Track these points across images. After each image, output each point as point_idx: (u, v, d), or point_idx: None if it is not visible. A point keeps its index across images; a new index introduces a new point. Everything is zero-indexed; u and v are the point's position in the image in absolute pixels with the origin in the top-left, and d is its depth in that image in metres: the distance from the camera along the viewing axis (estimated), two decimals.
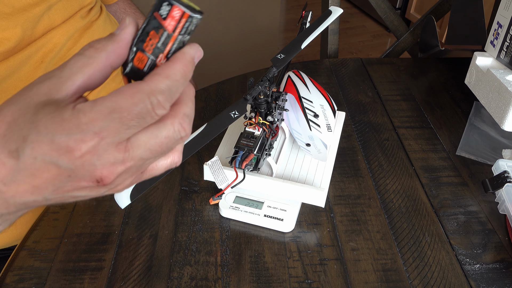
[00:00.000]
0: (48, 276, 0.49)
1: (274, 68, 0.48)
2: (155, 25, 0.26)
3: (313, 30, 0.51)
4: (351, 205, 0.57)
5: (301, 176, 0.56)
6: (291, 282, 0.48)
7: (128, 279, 0.48)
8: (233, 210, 0.54)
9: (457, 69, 0.85)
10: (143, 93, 0.25)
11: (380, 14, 0.99)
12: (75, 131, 0.25)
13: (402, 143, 0.67)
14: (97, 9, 0.72)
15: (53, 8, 0.61)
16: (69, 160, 0.25)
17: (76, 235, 0.53)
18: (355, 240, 0.52)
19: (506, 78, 0.58)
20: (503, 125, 0.58)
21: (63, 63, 0.27)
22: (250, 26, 1.72)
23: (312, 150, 0.56)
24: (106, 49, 0.26)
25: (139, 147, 0.27)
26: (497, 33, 0.63)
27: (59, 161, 0.25)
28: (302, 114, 0.57)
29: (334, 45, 0.96)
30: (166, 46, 0.27)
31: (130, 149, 0.27)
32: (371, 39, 2.56)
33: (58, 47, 0.62)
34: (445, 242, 0.52)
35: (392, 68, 0.85)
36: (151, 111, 0.26)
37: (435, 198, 0.58)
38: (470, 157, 0.64)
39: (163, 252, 0.51)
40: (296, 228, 0.54)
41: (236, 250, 0.51)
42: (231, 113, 0.45)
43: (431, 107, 0.75)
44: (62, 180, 0.26)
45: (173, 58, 0.27)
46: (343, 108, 0.75)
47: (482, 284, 0.48)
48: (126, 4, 0.87)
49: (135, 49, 0.27)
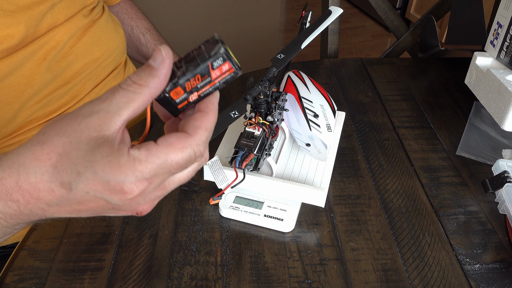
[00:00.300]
0: (48, 276, 0.49)
1: (274, 68, 0.48)
2: (203, 71, 0.29)
3: (313, 30, 0.51)
4: (351, 205, 0.57)
5: (301, 176, 0.56)
6: (291, 282, 0.48)
7: (128, 279, 0.48)
8: (233, 210, 0.54)
9: (457, 69, 0.85)
10: (191, 147, 0.29)
11: (380, 14, 0.99)
12: (131, 178, 0.27)
13: (402, 143, 0.67)
14: (99, 8, 0.72)
15: (56, 6, 0.62)
16: (119, 199, 0.28)
17: (76, 235, 0.53)
18: (355, 240, 0.52)
19: (506, 78, 0.58)
20: (503, 125, 0.58)
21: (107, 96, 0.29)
22: (250, 26, 1.72)
23: (312, 150, 0.56)
24: (149, 85, 0.29)
25: (174, 183, 0.32)
26: (497, 33, 0.63)
27: (109, 198, 0.28)
28: (302, 114, 0.57)
29: (334, 45, 0.96)
30: (203, 88, 0.30)
31: (168, 186, 0.31)
32: (371, 39, 2.56)
33: (61, 44, 0.63)
34: (445, 242, 0.52)
35: (392, 68, 0.85)
36: (193, 160, 0.30)
37: (435, 198, 0.58)
38: (470, 157, 0.64)
39: (163, 252, 0.51)
40: (296, 228, 0.54)
41: (236, 250, 0.51)
42: (231, 113, 0.45)
43: (431, 107, 0.75)
44: (105, 209, 0.30)
45: (208, 109, 0.31)
46: (343, 108, 0.75)
47: (482, 284, 0.48)
48: (127, 5, 0.88)
49: (176, 84, 0.30)
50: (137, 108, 0.29)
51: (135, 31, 0.88)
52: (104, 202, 0.29)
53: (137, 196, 0.28)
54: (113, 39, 0.73)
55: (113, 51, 0.73)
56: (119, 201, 0.28)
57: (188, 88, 0.30)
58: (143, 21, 0.89)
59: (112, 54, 0.73)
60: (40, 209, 0.29)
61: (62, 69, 0.64)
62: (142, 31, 0.88)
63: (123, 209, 0.30)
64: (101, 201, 0.29)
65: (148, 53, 0.90)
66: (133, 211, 0.31)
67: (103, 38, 0.71)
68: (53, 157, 0.28)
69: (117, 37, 0.75)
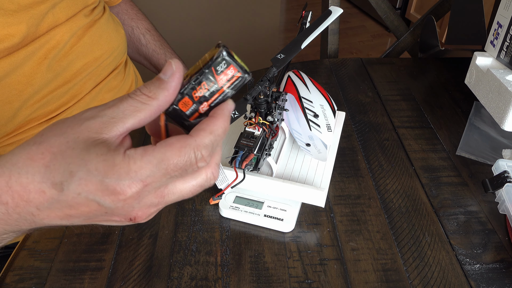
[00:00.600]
0: (48, 276, 0.49)
1: (274, 68, 0.48)
2: (208, 78, 0.29)
3: (313, 30, 0.51)
4: (351, 205, 0.57)
5: (301, 176, 0.56)
6: (291, 282, 0.48)
7: (128, 279, 0.48)
8: (233, 210, 0.54)
9: (457, 69, 0.85)
10: (190, 148, 0.28)
11: (380, 14, 0.99)
12: (124, 177, 0.26)
13: (402, 143, 0.67)
14: (100, 8, 0.72)
15: (58, 6, 0.62)
16: (112, 201, 0.27)
17: (76, 235, 0.53)
18: (355, 240, 0.52)
19: (506, 78, 0.58)
20: (503, 125, 0.58)
21: (114, 103, 0.28)
22: (250, 26, 1.72)
23: (312, 150, 0.56)
24: (158, 98, 0.28)
25: (174, 194, 0.29)
26: (497, 33, 0.63)
27: (101, 200, 0.27)
28: (302, 114, 0.57)
29: (334, 45, 0.96)
30: (212, 97, 0.30)
31: (166, 195, 0.29)
32: (371, 39, 2.56)
33: (62, 44, 0.63)
34: (445, 242, 0.52)
35: (392, 68, 0.85)
36: (194, 164, 0.28)
37: (435, 198, 0.58)
38: (470, 157, 0.64)
39: (163, 252, 0.51)
40: (296, 228, 0.54)
41: (236, 250, 0.51)
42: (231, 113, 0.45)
43: (431, 107, 0.75)
44: (97, 214, 0.28)
45: (216, 114, 0.30)
46: (343, 108, 0.75)
47: (482, 284, 0.48)
48: (128, 6, 0.88)
49: (183, 94, 0.29)
50: (143, 119, 0.28)
51: (136, 32, 0.88)
52: (96, 205, 0.27)
53: (131, 198, 0.27)
54: (114, 39, 0.74)
55: (114, 51, 0.74)
56: (111, 204, 0.27)
57: (196, 98, 0.29)
58: (143, 21, 0.89)
59: (112, 53, 0.73)
60: (30, 214, 0.28)
61: (62, 68, 0.64)
62: (143, 32, 0.89)
63: (116, 213, 0.28)
64: (93, 204, 0.27)
65: (148, 53, 0.90)
66: (126, 216, 0.29)
67: (104, 38, 0.71)
68: (47, 156, 0.27)
69: (118, 37, 0.75)
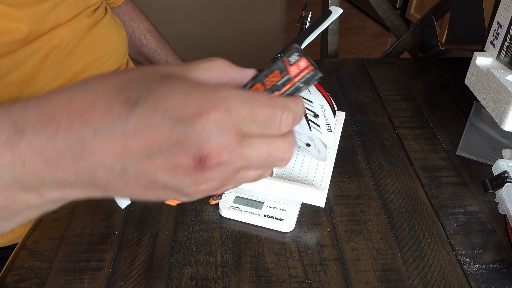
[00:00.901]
0: (48, 276, 0.49)
1: None
2: (281, 67, 0.30)
3: (313, 30, 0.51)
4: (351, 205, 0.57)
5: (301, 176, 0.56)
6: (291, 282, 0.48)
7: (128, 279, 0.48)
8: (233, 210, 0.54)
9: (457, 69, 0.85)
10: (278, 104, 0.26)
11: (380, 14, 0.99)
12: (211, 97, 0.24)
13: (402, 143, 0.67)
14: (102, 9, 0.73)
15: (60, 6, 0.63)
16: (191, 122, 0.23)
17: (76, 235, 0.53)
18: (355, 240, 0.52)
19: (506, 78, 0.58)
20: (503, 125, 0.58)
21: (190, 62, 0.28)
22: (250, 26, 1.72)
23: (312, 150, 0.56)
24: (232, 67, 0.29)
25: (251, 147, 0.26)
26: (497, 33, 0.63)
27: (179, 120, 0.23)
28: None
29: (334, 45, 0.96)
30: (284, 87, 0.30)
31: (243, 144, 0.26)
32: (371, 39, 2.56)
33: (64, 43, 0.63)
34: (445, 242, 0.52)
35: (392, 68, 0.85)
36: (278, 122, 0.26)
37: (435, 198, 0.58)
38: (470, 157, 0.64)
39: (163, 252, 0.51)
40: (296, 228, 0.54)
41: (236, 250, 0.51)
42: None
43: (431, 107, 0.75)
44: (163, 146, 0.24)
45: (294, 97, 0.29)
46: (343, 108, 0.75)
47: (482, 284, 0.48)
48: (129, 7, 0.89)
49: (256, 80, 0.31)
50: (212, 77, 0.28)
51: (137, 33, 0.89)
52: (169, 129, 0.23)
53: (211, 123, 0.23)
54: (115, 40, 0.74)
55: (116, 51, 0.74)
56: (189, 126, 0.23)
57: (268, 86, 0.30)
58: (144, 22, 0.90)
59: (114, 54, 0.73)
60: (81, 142, 0.24)
61: (64, 68, 0.65)
62: (144, 33, 0.89)
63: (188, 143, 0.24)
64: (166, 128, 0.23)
65: (149, 54, 0.90)
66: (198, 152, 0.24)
67: (106, 38, 0.71)
68: (122, 80, 0.25)
69: (120, 38, 0.76)
